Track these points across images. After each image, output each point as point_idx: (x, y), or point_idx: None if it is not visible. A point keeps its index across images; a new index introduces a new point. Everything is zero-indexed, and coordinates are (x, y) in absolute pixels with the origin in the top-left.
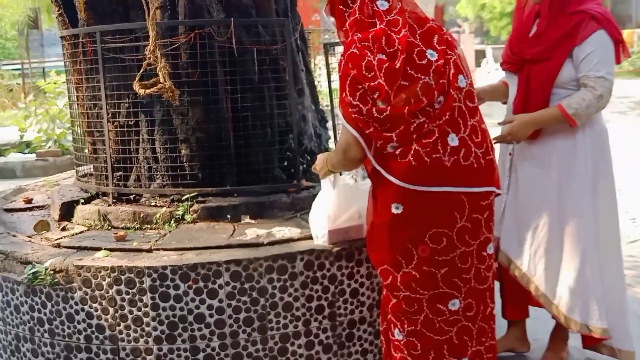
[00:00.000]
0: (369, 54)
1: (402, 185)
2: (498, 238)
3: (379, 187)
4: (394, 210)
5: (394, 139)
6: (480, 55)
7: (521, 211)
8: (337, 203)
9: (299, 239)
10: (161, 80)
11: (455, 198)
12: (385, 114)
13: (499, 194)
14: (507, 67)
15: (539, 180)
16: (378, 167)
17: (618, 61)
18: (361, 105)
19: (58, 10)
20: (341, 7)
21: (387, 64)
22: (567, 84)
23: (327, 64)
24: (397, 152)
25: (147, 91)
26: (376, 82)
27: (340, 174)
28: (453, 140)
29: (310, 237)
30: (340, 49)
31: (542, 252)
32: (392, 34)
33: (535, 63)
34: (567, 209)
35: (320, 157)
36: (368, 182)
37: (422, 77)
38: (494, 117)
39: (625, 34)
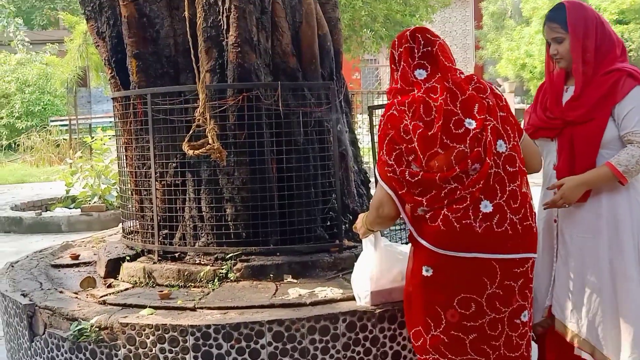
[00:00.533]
0: (406, 118)
1: (432, 248)
2: (549, 306)
3: (414, 248)
4: (424, 273)
5: (424, 204)
6: (520, 114)
7: (575, 278)
8: (379, 264)
9: (341, 300)
10: (210, 141)
11: (485, 264)
12: (417, 178)
13: (534, 260)
14: (543, 133)
15: (589, 246)
16: (410, 227)
17: None
18: (395, 166)
19: (111, 73)
20: (393, 66)
21: (421, 130)
22: (610, 144)
23: (371, 126)
24: (427, 215)
25: (196, 152)
26: (412, 145)
27: (382, 234)
28: (486, 207)
29: (352, 298)
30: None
31: (600, 318)
32: (430, 101)
33: (577, 125)
34: (618, 274)
35: (360, 217)
36: (409, 245)
37: (458, 145)
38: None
39: None
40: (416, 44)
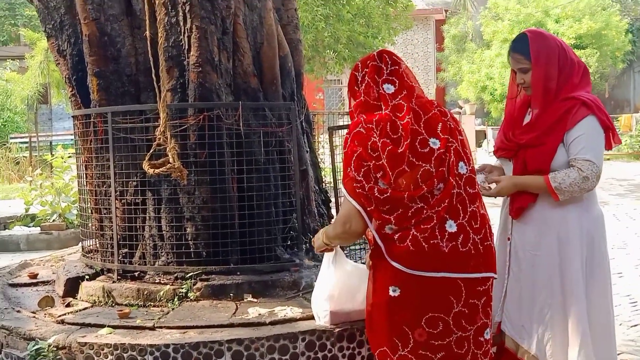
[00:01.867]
0: (374, 135)
1: (400, 268)
2: (499, 322)
3: (378, 268)
4: (391, 293)
5: (392, 221)
6: (481, 135)
7: (525, 295)
8: (339, 284)
9: (300, 319)
10: (170, 160)
11: (452, 283)
12: (385, 195)
13: (495, 279)
14: (502, 153)
15: (540, 263)
16: (380, 243)
17: (609, 147)
18: (364, 182)
19: (71, 91)
20: (355, 87)
21: (390, 147)
22: (561, 168)
23: (332, 146)
24: (396, 236)
25: (157, 170)
26: (380, 162)
27: (343, 250)
28: (451, 227)
29: (312, 317)
30: (344, 132)
31: (549, 334)
32: (397, 119)
33: (529, 148)
34: (567, 292)
35: (321, 231)
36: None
37: (424, 164)
38: None
39: (624, 118)
40: (383, 63)
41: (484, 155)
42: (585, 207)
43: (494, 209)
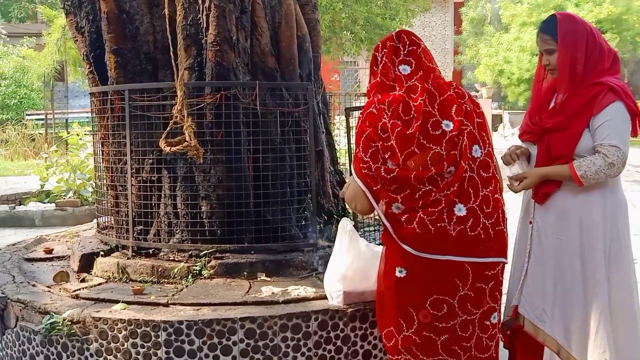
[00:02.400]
0: (385, 116)
1: (407, 249)
2: (515, 305)
3: (388, 249)
4: (397, 274)
5: (399, 200)
6: (497, 120)
7: (548, 278)
8: (353, 264)
9: (313, 299)
10: (187, 138)
11: (458, 266)
12: (392, 174)
13: (505, 264)
14: (527, 137)
15: (562, 248)
16: (386, 223)
17: (635, 134)
18: (371, 163)
19: (89, 68)
20: (374, 68)
21: (399, 129)
22: (585, 153)
23: (348, 127)
24: (403, 218)
25: (173, 149)
26: (389, 143)
27: (357, 230)
28: (460, 211)
29: (325, 297)
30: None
31: (570, 318)
32: (410, 100)
33: (554, 132)
34: (588, 277)
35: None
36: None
37: (434, 147)
38: None
39: None
40: (401, 43)
41: (499, 140)
42: (609, 191)
43: (512, 194)
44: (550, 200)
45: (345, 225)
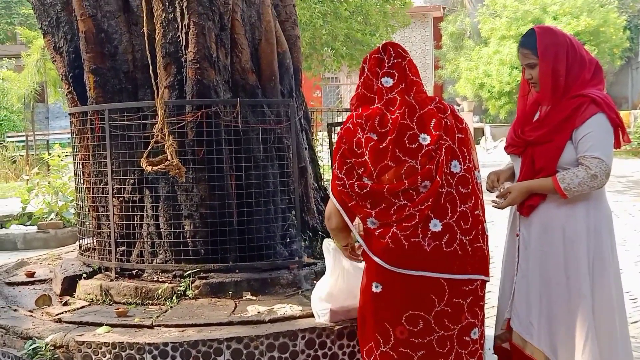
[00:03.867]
0: (359, 131)
1: (381, 264)
2: (508, 319)
3: (366, 265)
4: (373, 289)
5: (373, 215)
6: (479, 133)
7: (533, 291)
8: (338, 281)
9: (300, 317)
10: (168, 157)
11: (433, 282)
12: (365, 190)
13: (486, 281)
14: (511, 150)
15: (547, 260)
16: (360, 241)
17: (618, 145)
18: (345, 179)
19: (68, 88)
20: (360, 79)
21: (372, 143)
22: (568, 165)
23: (331, 143)
24: (377, 232)
25: (155, 168)
26: (363, 159)
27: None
28: (436, 226)
29: (312, 315)
30: None
31: (556, 331)
32: (388, 113)
33: (537, 145)
34: (573, 289)
35: None
36: None
37: (410, 160)
38: None
39: (622, 115)
40: (386, 55)
41: (481, 153)
42: (593, 203)
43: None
44: (534, 213)
45: (328, 244)
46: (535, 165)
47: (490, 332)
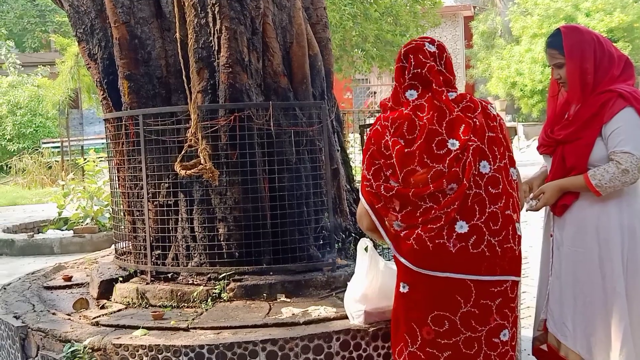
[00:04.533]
0: (388, 134)
1: (407, 265)
2: (544, 320)
3: (397, 266)
4: (401, 289)
5: (399, 218)
6: (511, 132)
7: (566, 291)
8: (373, 283)
9: (334, 319)
10: (202, 161)
11: (459, 283)
12: (391, 192)
13: (517, 282)
14: (542, 150)
15: (581, 260)
16: (388, 242)
17: None
18: (373, 180)
19: (102, 94)
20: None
21: (399, 147)
22: (600, 162)
23: (362, 144)
24: (402, 233)
25: (188, 172)
26: (391, 161)
27: (376, 248)
28: (462, 228)
29: (346, 317)
30: None
31: (591, 332)
32: (416, 119)
33: (567, 144)
34: (609, 289)
35: None
36: None
37: (437, 165)
38: None
39: None
40: (407, 64)
41: (515, 152)
42: (626, 200)
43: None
44: (567, 213)
45: (363, 244)
46: (567, 163)
47: (528, 333)
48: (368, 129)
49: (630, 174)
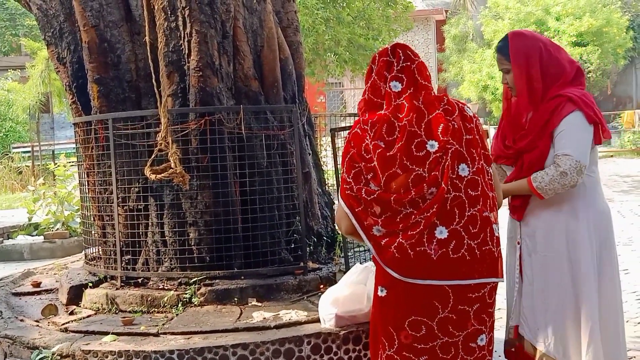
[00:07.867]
0: (367, 137)
1: (387, 270)
2: (515, 326)
3: (376, 269)
4: (379, 293)
5: (379, 223)
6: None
7: (539, 297)
8: (344, 286)
9: (306, 322)
10: (172, 165)
11: (437, 289)
12: (372, 196)
13: (497, 283)
14: (502, 161)
15: (551, 265)
16: (368, 244)
17: (598, 141)
18: (353, 184)
19: (72, 98)
20: (367, 83)
21: (380, 150)
22: None
23: (334, 148)
24: (383, 241)
25: (159, 176)
26: (372, 165)
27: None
28: (442, 233)
29: (317, 320)
30: (346, 134)
31: (563, 335)
32: (395, 120)
33: (527, 153)
34: (579, 289)
35: None
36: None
37: (417, 168)
38: None
39: (627, 114)
40: (395, 58)
41: None
42: (590, 202)
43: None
44: (536, 219)
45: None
46: (523, 173)
47: (499, 335)
48: (340, 133)
49: (568, 177)
